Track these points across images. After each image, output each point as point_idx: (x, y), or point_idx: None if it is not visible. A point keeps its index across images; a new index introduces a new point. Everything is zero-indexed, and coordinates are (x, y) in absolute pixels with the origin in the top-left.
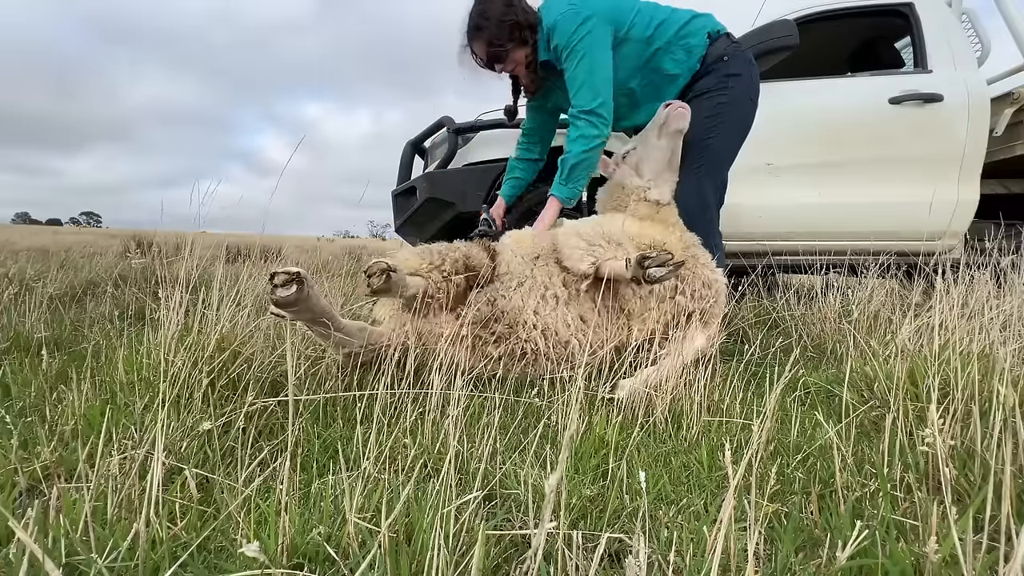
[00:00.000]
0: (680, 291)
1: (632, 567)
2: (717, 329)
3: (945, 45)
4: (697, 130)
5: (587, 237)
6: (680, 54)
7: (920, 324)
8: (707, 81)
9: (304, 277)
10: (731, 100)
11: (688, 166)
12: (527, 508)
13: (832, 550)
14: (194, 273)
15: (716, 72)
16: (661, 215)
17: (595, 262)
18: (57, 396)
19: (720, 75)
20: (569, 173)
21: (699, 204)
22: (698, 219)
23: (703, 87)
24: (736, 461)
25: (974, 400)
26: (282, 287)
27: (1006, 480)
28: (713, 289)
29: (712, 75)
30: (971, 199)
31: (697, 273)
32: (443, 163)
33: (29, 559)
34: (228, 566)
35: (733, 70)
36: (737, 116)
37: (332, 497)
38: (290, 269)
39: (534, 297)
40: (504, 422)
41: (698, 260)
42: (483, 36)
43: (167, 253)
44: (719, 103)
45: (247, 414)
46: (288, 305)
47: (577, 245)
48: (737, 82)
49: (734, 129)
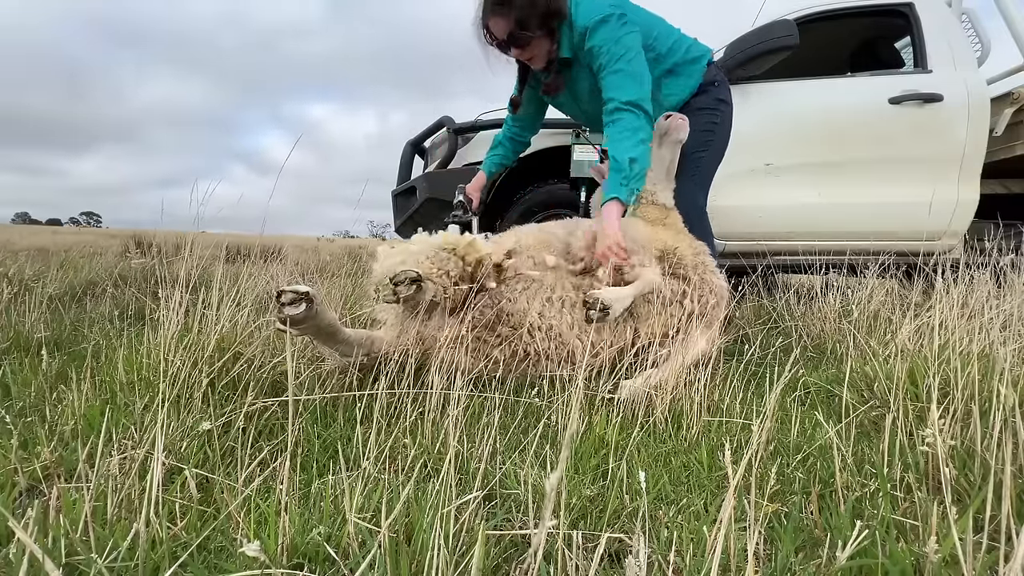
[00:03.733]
0: (687, 296)
1: (632, 567)
2: (719, 332)
3: (945, 45)
4: (692, 142)
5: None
6: (682, 79)
7: (920, 324)
8: (701, 100)
9: (313, 296)
10: (721, 122)
11: (684, 174)
12: (527, 508)
13: (832, 550)
14: (194, 273)
15: (709, 94)
16: (670, 220)
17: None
18: (57, 396)
19: (713, 97)
20: (630, 168)
21: (697, 210)
22: (697, 224)
23: (698, 104)
24: (736, 461)
25: (974, 400)
26: (290, 305)
27: (1006, 480)
28: (717, 295)
29: (706, 95)
30: (971, 199)
31: (705, 279)
32: (443, 163)
33: (29, 559)
34: (228, 566)
35: (723, 96)
36: (723, 137)
37: (332, 497)
38: (298, 288)
39: (540, 299)
40: (504, 422)
41: (707, 267)
42: (507, 15)
43: (167, 253)
44: (712, 122)
45: (247, 414)
46: (295, 323)
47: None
48: (725, 108)
49: (719, 149)
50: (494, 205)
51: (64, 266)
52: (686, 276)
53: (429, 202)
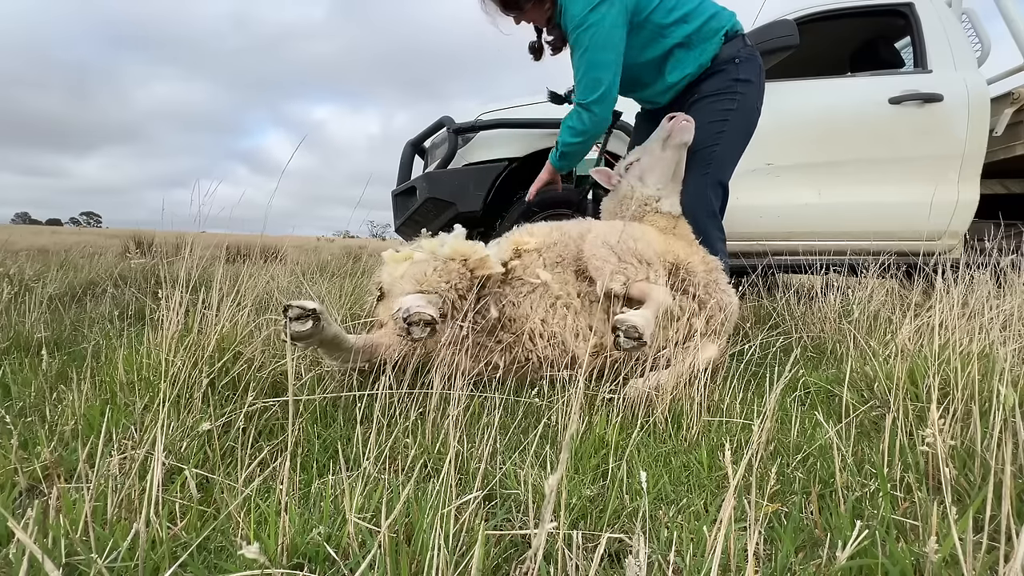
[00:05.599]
0: (696, 315)
1: (632, 567)
2: (728, 342)
3: (945, 45)
4: (703, 136)
5: (618, 251)
6: (694, 52)
7: (920, 324)
8: (715, 82)
9: (320, 313)
10: (739, 107)
11: (694, 172)
12: (527, 508)
13: (832, 550)
14: (194, 273)
15: (725, 74)
16: (679, 229)
17: (626, 281)
18: (57, 396)
19: (729, 78)
20: (561, 153)
21: (705, 209)
22: (704, 224)
23: (710, 88)
24: (736, 461)
25: (974, 400)
26: (297, 320)
27: (1006, 480)
28: (727, 312)
29: (720, 76)
30: (971, 199)
31: (716, 298)
32: (443, 163)
33: (29, 559)
34: (228, 566)
35: (744, 75)
36: (743, 123)
37: (332, 497)
38: (306, 305)
39: (544, 306)
40: (504, 422)
41: (719, 285)
42: None
43: (167, 253)
44: (726, 109)
45: (247, 414)
46: (301, 339)
47: (607, 259)
48: (747, 88)
49: (739, 136)
50: (494, 205)
51: (64, 266)
52: (696, 295)
53: (429, 202)
